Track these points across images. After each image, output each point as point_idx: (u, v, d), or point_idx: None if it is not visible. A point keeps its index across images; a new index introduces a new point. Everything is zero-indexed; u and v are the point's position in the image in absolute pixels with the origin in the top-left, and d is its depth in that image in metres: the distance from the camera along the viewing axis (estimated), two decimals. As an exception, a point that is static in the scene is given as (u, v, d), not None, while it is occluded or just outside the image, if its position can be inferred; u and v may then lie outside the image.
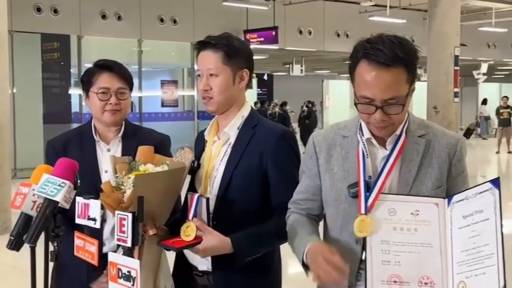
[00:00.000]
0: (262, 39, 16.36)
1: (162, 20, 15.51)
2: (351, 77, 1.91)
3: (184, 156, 2.24)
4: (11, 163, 9.82)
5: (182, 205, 2.30)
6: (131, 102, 2.67)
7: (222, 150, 2.28)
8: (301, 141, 16.31)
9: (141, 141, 2.35)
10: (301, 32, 17.88)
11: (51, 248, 1.88)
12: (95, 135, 2.53)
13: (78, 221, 1.95)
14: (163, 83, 17.19)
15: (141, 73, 15.60)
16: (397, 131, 1.93)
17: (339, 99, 22.09)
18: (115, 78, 2.48)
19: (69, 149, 2.50)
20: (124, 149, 2.49)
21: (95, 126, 2.55)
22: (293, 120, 20.39)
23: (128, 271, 1.79)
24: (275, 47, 16.86)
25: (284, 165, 2.22)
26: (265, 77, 30.23)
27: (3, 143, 8.02)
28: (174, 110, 17.01)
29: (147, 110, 16.12)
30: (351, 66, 1.89)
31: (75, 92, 14.08)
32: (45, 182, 1.87)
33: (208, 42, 2.26)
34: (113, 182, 2.13)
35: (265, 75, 30.10)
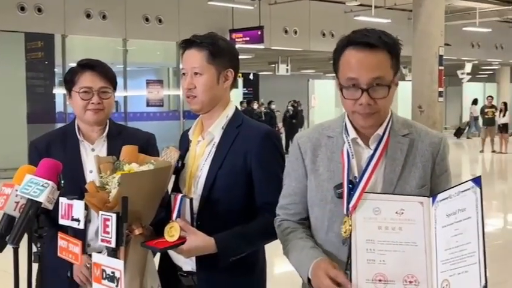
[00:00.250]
0: (247, 39, 16.37)
1: (147, 19, 15.45)
2: (335, 68, 1.94)
3: (170, 155, 2.24)
4: (-6, 163, 9.75)
5: (166, 205, 2.29)
6: (116, 102, 2.66)
7: (206, 150, 2.28)
8: (286, 141, 16.36)
9: (126, 141, 2.34)
10: (286, 32, 17.90)
11: (35, 249, 1.87)
12: (78, 135, 2.52)
13: (62, 221, 1.94)
14: (148, 83, 17.14)
15: (126, 72, 15.54)
16: (379, 130, 1.94)
17: (324, 99, 22.17)
18: (97, 77, 2.47)
19: (52, 149, 2.49)
20: (109, 148, 2.48)
21: (78, 126, 2.54)
22: (278, 119, 20.40)
23: (112, 272, 1.78)
24: (261, 47, 16.87)
25: (268, 165, 2.22)
26: (251, 76, 30.21)
27: (-13, 143, 7.95)
28: (159, 109, 16.97)
29: (133, 110, 16.06)
30: (336, 58, 1.92)
31: (60, 92, 13.98)
32: (28, 183, 1.86)
33: (193, 41, 2.26)
34: (97, 182, 2.12)
35: (251, 75, 30.08)
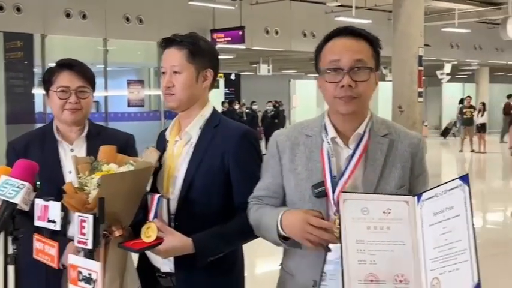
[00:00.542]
0: (229, 39, 16.35)
1: (127, 19, 15.35)
2: (317, 62, 1.96)
3: (149, 156, 2.22)
4: (-28, 164, 9.63)
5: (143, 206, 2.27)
6: (97, 102, 2.64)
7: (184, 150, 2.27)
8: (266, 141, 16.37)
9: (105, 141, 2.32)
10: (268, 32, 17.89)
11: (10, 251, 1.85)
12: (56, 135, 2.50)
13: (38, 223, 1.92)
14: (129, 83, 17.02)
15: (107, 72, 15.42)
16: (360, 129, 1.94)
17: (305, 99, 22.23)
18: (75, 77, 2.45)
19: (30, 149, 2.46)
20: (88, 149, 2.46)
21: (56, 126, 2.52)
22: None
23: (89, 273, 1.77)
24: (242, 47, 16.85)
25: (246, 165, 2.22)
26: (233, 76, 30.18)
27: (-36, 144, 7.87)
28: (140, 109, 16.85)
29: (113, 110, 15.92)
30: (318, 51, 1.95)
31: (39, 92, 13.82)
32: (4, 184, 1.85)
33: (173, 39, 2.26)
34: (75, 183, 2.09)
35: (233, 75, 30.05)
